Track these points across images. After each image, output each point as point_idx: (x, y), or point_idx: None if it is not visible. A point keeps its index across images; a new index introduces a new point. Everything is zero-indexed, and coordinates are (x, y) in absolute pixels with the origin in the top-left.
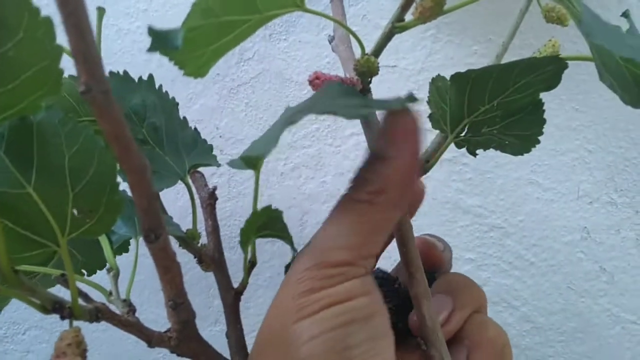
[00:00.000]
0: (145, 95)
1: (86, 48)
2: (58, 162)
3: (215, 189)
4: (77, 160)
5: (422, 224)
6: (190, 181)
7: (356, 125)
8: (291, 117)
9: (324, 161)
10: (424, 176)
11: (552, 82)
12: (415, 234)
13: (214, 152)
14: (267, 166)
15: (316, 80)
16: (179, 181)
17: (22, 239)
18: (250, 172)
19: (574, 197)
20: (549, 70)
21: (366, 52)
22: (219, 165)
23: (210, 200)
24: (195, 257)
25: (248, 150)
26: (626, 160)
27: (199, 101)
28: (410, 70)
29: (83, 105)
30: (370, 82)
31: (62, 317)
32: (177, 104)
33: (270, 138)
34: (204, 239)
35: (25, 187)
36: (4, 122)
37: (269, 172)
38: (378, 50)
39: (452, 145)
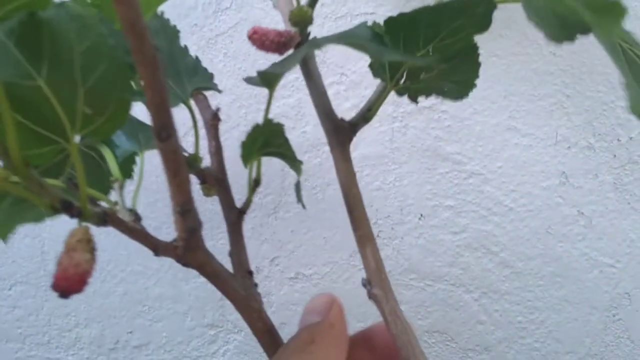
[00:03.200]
0: (149, 19)
1: None
2: (68, 57)
3: (218, 110)
4: (88, 56)
5: (402, 172)
6: (192, 104)
7: (336, 74)
8: (317, 41)
9: (304, 111)
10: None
11: (483, 23)
12: (398, 182)
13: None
14: (246, 117)
15: (254, 35)
16: (182, 105)
17: (32, 135)
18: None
19: (552, 142)
20: (479, 11)
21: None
22: (220, 91)
23: (213, 121)
24: (198, 179)
25: (268, 69)
26: (604, 104)
27: None
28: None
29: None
30: (308, 33)
31: (71, 216)
32: (179, 31)
33: (291, 59)
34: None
35: (36, 79)
36: (14, 12)
37: (248, 124)
38: (313, 1)
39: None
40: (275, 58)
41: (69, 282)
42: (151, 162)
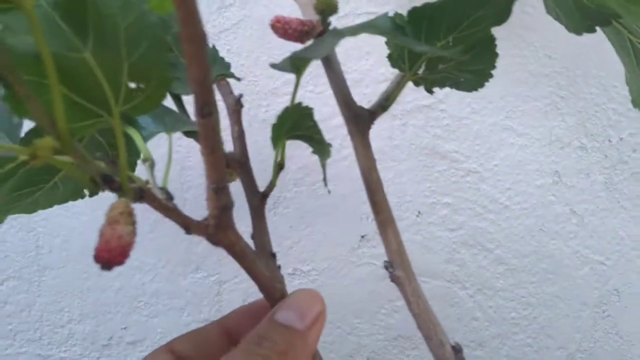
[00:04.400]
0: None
1: None
2: (113, 31)
3: (241, 95)
4: (132, 32)
5: (401, 169)
6: (215, 89)
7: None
8: (341, 31)
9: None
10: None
11: (504, 14)
12: (397, 179)
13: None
14: (248, 113)
15: (277, 24)
16: None
17: (76, 107)
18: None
19: (546, 142)
20: (500, 2)
21: None
22: (239, 79)
23: (236, 106)
24: None
25: (297, 53)
26: (596, 105)
27: None
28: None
29: None
30: (329, 24)
31: (111, 190)
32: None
33: (323, 46)
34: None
35: (82, 50)
36: None
37: (250, 119)
38: None
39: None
40: (279, 52)
41: (112, 253)
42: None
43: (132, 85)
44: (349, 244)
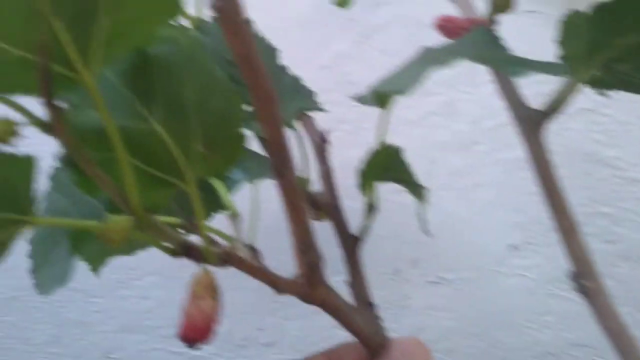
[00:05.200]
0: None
1: None
2: (180, 95)
3: (327, 132)
4: (199, 93)
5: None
6: (297, 126)
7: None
8: (440, 58)
9: (456, 109)
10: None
11: None
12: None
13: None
14: (394, 113)
15: (443, 23)
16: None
17: (148, 177)
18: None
19: None
20: None
21: None
22: (323, 110)
23: (322, 143)
24: (309, 204)
25: (381, 85)
26: None
27: (330, 47)
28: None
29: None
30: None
31: (193, 260)
32: (276, 49)
33: (413, 76)
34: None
35: (149, 120)
36: (124, 52)
37: (396, 120)
38: None
39: (589, 92)
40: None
41: (197, 332)
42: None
43: (203, 149)
44: (497, 254)
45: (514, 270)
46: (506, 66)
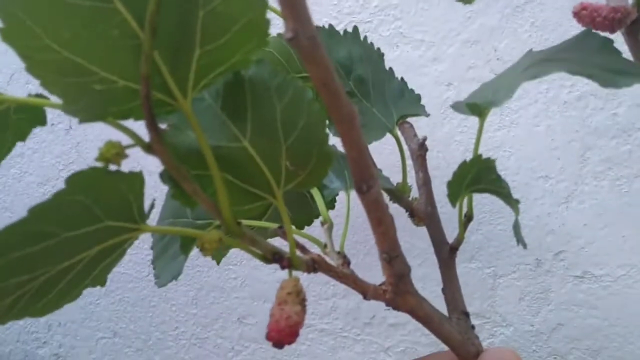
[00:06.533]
0: (351, 47)
1: None
2: (270, 115)
3: (425, 139)
4: (288, 112)
5: None
6: (399, 133)
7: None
8: (536, 72)
9: (617, 90)
10: None
11: None
12: None
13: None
14: (547, 94)
15: (583, 11)
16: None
17: (241, 192)
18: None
19: None
20: None
21: None
22: (427, 115)
23: (420, 151)
24: (406, 211)
25: (476, 94)
26: None
27: (478, 20)
28: None
29: (292, 62)
30: None
31: (282, 267)
32: (383, 54)
33: (506, 87)
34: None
35: (241, 140)
36: (218, 78)
37: (549, 101)
38: None
39: None
40: None
41: (281, 334)
42: None
43: (292, 166)
44: None
45: None
46: (610, 79)
